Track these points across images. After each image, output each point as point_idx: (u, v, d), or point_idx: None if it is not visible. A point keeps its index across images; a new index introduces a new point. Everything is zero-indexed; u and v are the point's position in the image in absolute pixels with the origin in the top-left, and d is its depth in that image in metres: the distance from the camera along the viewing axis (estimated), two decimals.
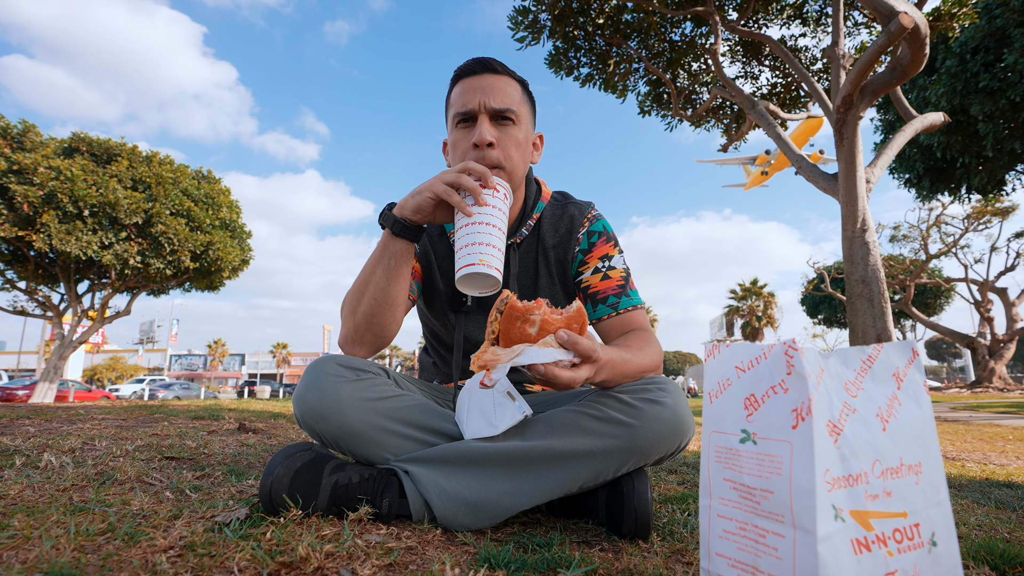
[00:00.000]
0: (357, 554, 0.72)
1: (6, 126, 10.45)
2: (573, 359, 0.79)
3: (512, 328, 0.78)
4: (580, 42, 8.17)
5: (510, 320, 0.78)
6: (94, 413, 3.28)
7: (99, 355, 41.11)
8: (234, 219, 13.04)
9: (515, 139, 1.07)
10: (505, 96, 1.06)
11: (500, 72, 1.08)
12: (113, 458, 1.39)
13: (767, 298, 39.66)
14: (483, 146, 1.04)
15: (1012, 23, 7.99)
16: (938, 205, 18.91)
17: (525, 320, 0.78)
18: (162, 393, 22.92)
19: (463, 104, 1.06)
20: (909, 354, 0.61)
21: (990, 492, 1.55)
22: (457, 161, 1.10)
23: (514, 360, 0.75)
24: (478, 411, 0.93)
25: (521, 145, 1.09)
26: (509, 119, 1.06)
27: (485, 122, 1.05)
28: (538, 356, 0.75)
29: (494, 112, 1.05)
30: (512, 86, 1.09)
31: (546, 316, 0.78)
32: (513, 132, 1.07)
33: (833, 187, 6.79)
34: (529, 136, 1.13)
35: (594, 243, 1.19)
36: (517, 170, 1.09)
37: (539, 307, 0.78)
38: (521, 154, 1.10)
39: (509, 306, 0.79)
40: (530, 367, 0.77)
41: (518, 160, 1.09)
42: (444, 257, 1.21)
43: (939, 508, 0.57)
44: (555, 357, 0.76)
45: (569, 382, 0.79)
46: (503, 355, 0.77)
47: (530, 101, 1.15)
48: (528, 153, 1.14)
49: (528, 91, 1.14)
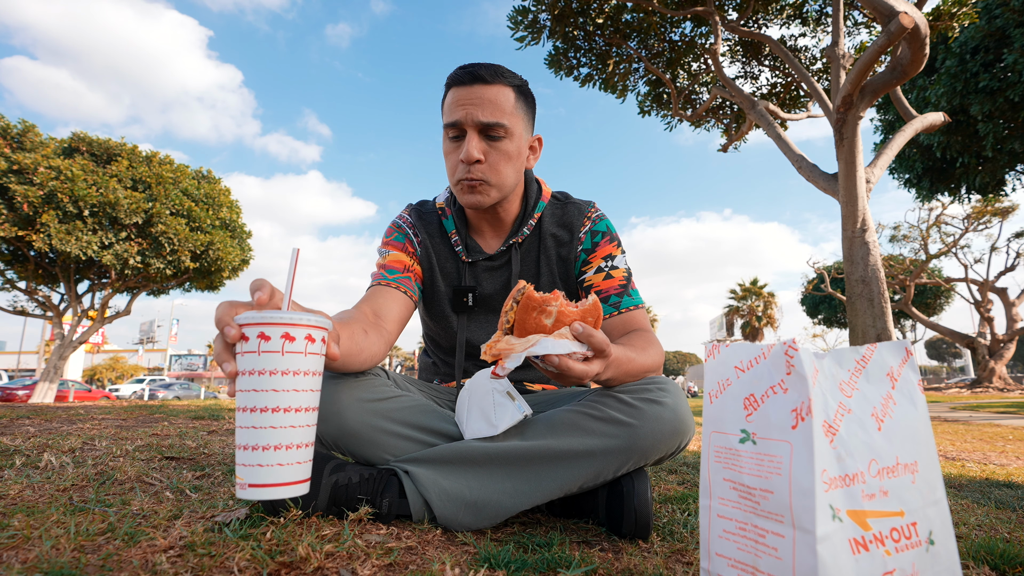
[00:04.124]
0: (357, 554, 0.72)
1: (6, 126, 10.45)
2: (586, 352, 0.78)
3: (528, 318, 0.78)
4: (580, 42, 8.17)
5: (526, 310, 0.78)
6: (94, 413, 3.28)
7: (99, 355, 41.09)
8: (234, 219, 13.04)
9: (504, 153, 1.07)
10: (495, 109, 1.04)
11: (490, 81, 1.05)
12: (113, 458, 1.39)
13: (767, 298, 39.65)
14: (470, 163, 1.05)
15: (1012, 23, 7.99)
16: (938, 205, 18.91)
17: (542, 311, 0.78)
18: (162, 393, 22.92)
19: (451, 116, 1.06)
20: (903, 354, 0.61)
21: (990, 492, 1.55)
22: (449, 172, 1.12)
23: (529, 350, 0.75)
24: (478, 411, 0.93)
25: (512, 157, 1.08)
26: (498, 134, 1.05)
27: (473, 138, 1.04)
28: (553, 347, 0.75)
29: (482, 126, 1.04)
30: (504, 94, 1.06)
31: (563, 308, 0.78)
32: (502, 146, 1.06)
33: (833, 187, 6.79)
34: (522, 145, 1.11)
35: (597, 243, 1.19)
36: (506, 182, 1.09)
37: (556, 298, 0.78)
38: (512, 166, 1.09)
39: (526, 296, 0.78)
40: (544, 358, 0.77)
41: (508, 173, 1.09)
42: (446, 258, 1.22)
43: (936, 507, 0.57)
44: (570, 349, 0.76)
45: (582, 375, 0.79)
46: (517, 344, 0.76)
47: (526, 104, 1.12)
48: (521, 162, 1.13)
49: (524, 92, 1.12)
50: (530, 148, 1.17)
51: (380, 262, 1.17)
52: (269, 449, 0.57)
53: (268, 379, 0.58)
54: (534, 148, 1.19)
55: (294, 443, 0.59)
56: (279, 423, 0.58)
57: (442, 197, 1.25)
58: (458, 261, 1.21)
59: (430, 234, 1.22)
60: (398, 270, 1.15)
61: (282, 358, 0.58)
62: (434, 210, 1.25)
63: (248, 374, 0.58)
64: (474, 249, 1.20)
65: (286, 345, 0.58)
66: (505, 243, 1.19)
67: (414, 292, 1.16)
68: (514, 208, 1.19)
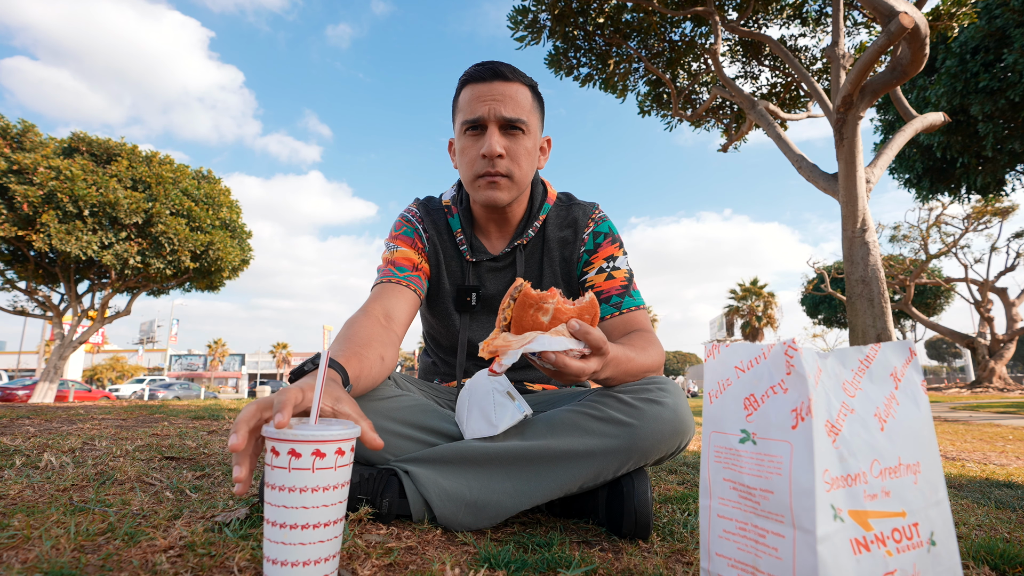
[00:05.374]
0: (357, 554, 0.72)
1: (6, 126, 10.46)
2: (583, 349, 0.79)
3: (525, 316, 0.79)
4: (580, 42, 8.18)
5: (523, 307, 0.79)
6: (94, 413, 3.28)
7: (99, 355, 41.10)
8: (234, 219, 13.04)
9: (525, 148, 1.07)
10: (516, 105, 1.05)
11: (511, 79, 1.06)
12: (113, 458, 1.39)
13: (767, 298, 39.66)
14: (492, 157, 1.04)
15: (1012, 23, 7.99)
16: (938, 205, 18.91)
17: (539, 308, 0.78)
18: (162, 393, 22.92)
19: (472, 111, 1.05)
20: (906, 354, 0.61)
21: (990, 492, 1.55)
22: (465, 168, 1.10)
23: (526, 347, 0.75)
24: (478, 411, 0.93)
25: (531, 154, 1.10)
26: (520, 129, 1.06)
27: (495, 132, 1.04)
28: (550, 344, 0.75)
29: (504, 122, 1.05)
30: (523, 93, 1.08)
31: (559, 305, 0.79)
32: (523, 141, 1.07)
33: (833, 187, 6.79)
34: (537, 143, 1.13)
35: (600, 244, 1.20)
36: (526, 178, 1.10)
37: (552, 296, 0.79)
38: (530, 163, 1.11)
39: (523, 293, 0.79)
40: (540, 355, 0.77)
41: (527, 169, 1.10)
42: (452, 256, 1.22)
43: (938, 507, 0.57)
44: (566, 346, 0.76)
45: (579, 372, 0.79)
46: (514, 341, 0.77)
47: (539, 105, 1.14)
48: (535, 160, 1.14)
49: (537, 93, 1.14)
50: (540, 149, 1.18)
51: (388, 256, 1.16)
52: (298, 565, 0.57)
53: (298, 496, 0.57)
54: (544, 149, 1.19)
55: (322, 557, 0.59)
56: (308, 539, 0.57)
57: (448, 195, 1.25)
58: (463, 260, 1.21)
59: (437, 231, 1.22)
60: (407, 268, 1.14)
61: (312, 475, 0.58)
62: (440, 207, 1.24)
63: (278, 489, 0.58)
64: (479, 249, 1.20)
65: (316, 462, 0.58)
66: (510, 245, 1.19)
67: (422, 291, 1.16)
68: (520, 209, 1.20)
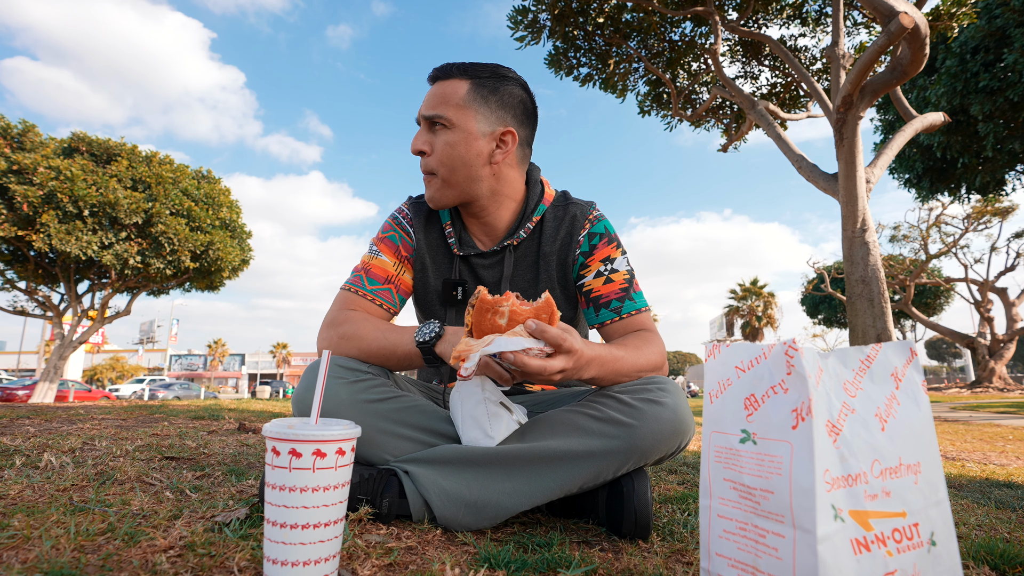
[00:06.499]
0: (357, 554, 0.72)
1: (6, 126, 10.45)
2: (544, 348, 0.81)
3: (483, 320, 0.83)
4: (580, 42, 8.17)
5: (481, 313, 0.83)
6: (94, 413, 3.28)
7: (99, 355, 41.11)
8: (234, 219, 13.03)
9: (444, 142, 1.08)
10: (438, 102, 1.07)
11: (442, 78, 1.10)
12: (113, 458, 1.39)
13: (767, 298, 39.65)
14: (415, 154, 1.11)
15: (1012, 23, 7.99)
16: (938, 205, 18.91)
17: (495, 312, 0.82)
18: (162, 393, 22.91)
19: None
20: (907, 354, 0.61)
21: (990, 492, 1.55)
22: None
23: (485, 349, 0.79)
24: (471, 420, 0.93)
25: (455, 146, 1.07)
26: (441, 124, 1.08)
27: (420, 132, 1.11)
28: (507, 344, 0.79)
29: (425, 120, 1.09)
30: (452, 87, 1.08)
31: (514, 307, 0.82)
32: (444, 136, 1.08)
33: (833, 187, 6.79)
34: (471, 136, 1.07)
35: (595, 245, 1.16)
36: (455, 172, 1.08)
37: (507, 299, 0.83)
38: (459, 158, 1.07)
39: (480, 299, 0.83)
40: (500, 355, 0.80)
41: (457, 165, 1.08)
42: (440, 251, 1.20)
43: (938, 508, 0.57)
44: (524, 345, 0.79)
45: (539, 370, 0.80)
46: (475, 345, 0.80)
47: (486, 95, 1.08)
48: (474, 152, 1.07)
49: (487, 84, 1.08)
50: (499, 142, 1.09)
51: (367, 261, 1.16)
52: (299, 565, 0.57)
53: (299, 496, 0.58)
54: (504, 142, 1.10)
55: (323, 557, 0.59)
56: (308, 539, 0.58)
57: None
58: (451, 253, 1.20)
59: (426, 227, 1.20)
60: (379, 280, 1.14)
61: (313, 475, 0.58)
62: None
63: (279, 489, 0.58)
64: (467, 243, 1.19)
65: (317, 462, 0.58)
66: (499, 243, 1.17)
67: (393, 304, 1.15)
68: (505, 215, 1.16)
